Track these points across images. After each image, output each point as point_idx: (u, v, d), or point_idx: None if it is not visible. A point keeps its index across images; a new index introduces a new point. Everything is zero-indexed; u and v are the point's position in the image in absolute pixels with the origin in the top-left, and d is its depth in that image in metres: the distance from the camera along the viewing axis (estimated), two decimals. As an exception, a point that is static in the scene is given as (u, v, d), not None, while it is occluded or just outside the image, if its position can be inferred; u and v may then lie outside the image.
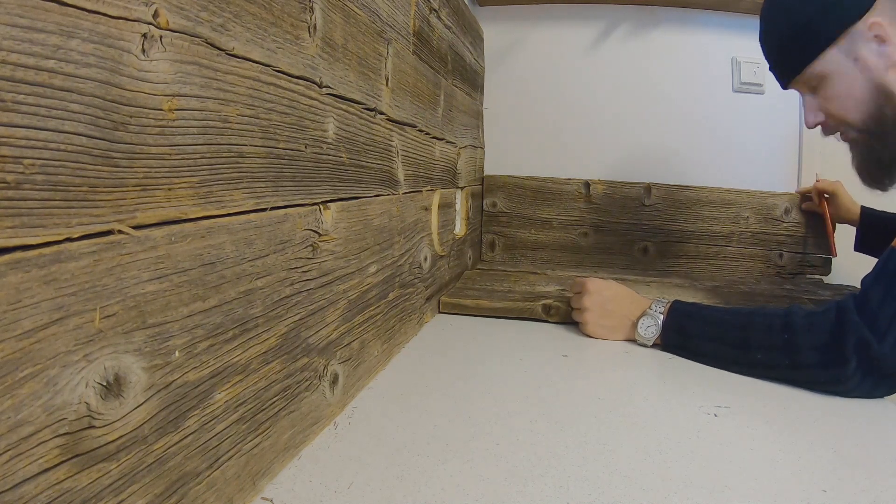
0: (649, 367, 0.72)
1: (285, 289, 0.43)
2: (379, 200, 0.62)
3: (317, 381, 0.49)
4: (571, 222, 1.31)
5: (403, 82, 0.69)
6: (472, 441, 0.50)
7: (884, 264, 0.63)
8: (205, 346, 0.33)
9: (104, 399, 0.26)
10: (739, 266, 1.28)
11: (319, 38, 0.47)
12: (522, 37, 1.37)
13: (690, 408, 0.59)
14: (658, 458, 0.48)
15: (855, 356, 0.61)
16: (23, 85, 0.22)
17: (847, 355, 0.61)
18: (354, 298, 0.56)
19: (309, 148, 0.46)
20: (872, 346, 0.60)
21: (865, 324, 0.61)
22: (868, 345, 0.60)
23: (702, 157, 1.35)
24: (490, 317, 0.92)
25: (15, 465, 0.22)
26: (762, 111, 1.33)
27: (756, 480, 0.45)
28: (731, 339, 0.70)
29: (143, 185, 0.28)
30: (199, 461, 0.33)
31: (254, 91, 0.38)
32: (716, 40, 1.32)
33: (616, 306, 0.81)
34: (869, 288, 0.63)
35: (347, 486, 0.42)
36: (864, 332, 0.60)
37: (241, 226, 0.37)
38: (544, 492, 0.42)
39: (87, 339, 0.25)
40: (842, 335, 0.62)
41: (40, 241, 0.23)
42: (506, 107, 1.38)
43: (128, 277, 0.27)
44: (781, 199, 1.27)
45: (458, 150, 1.03)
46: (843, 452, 0.50)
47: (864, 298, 0.62)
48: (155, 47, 0.29)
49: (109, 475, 0.27)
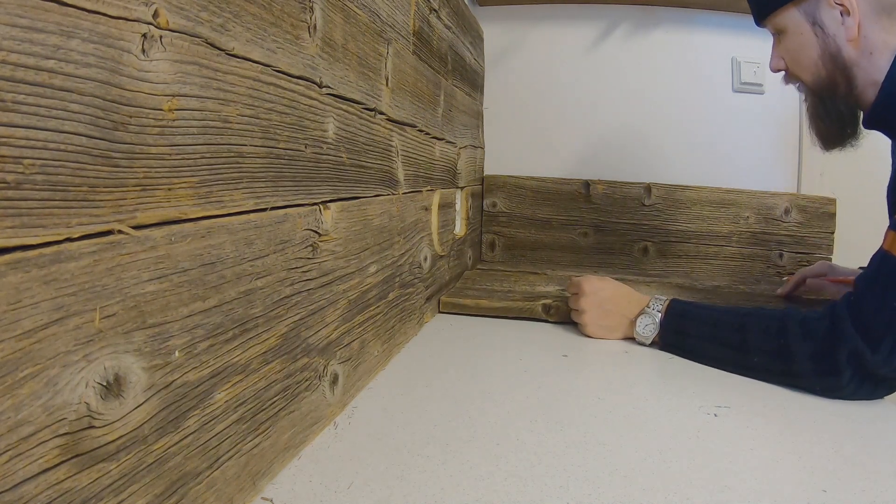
0: (649, 367, 0.72)
1: (285, 289, 0.43)
2: (379, 200, 0.62)
3: (317, 381, 0.49)
4: (571, 222, 1.31)
5: (403, 82, 0.69)
6: (472, 441, 0.50)
7: (877, 270, 0.63)
8: (205, 346, 0.33)
9: (104, 399, 0.26)
10: (739, 266, 1.28)
11: (319, 38, 0.47)
12: (522, 37, 1.37)
13: (690, 408, 0.59)
14: (658, 458, 0.48)
15: (849, 366, 0.60)
16: (23, 85, 0.22)
17: (841, 366, 0.61)
18: (354, 298, 0.56)
19: (309, 148, 0.46)
20: (866, 356, 0.59)
21: (859, 333, 0.60)
22: (862, 355, 0.59)
23: (702, 157, 1.35)
24: (490, 317, 0.92)
25: (15, 465, 0.22)
26: (762, 111, 1.33)
27: (756, 480, 0.45)
28: (729, 340, 0.70)
29: (143, 185, 0.28)
30: (199, 461, 0.33)
31: (254, 91, 0.38)
32: (716, 40, 1.32)
33: (614, 306, 0.81)
34: (862, 295, 0.62)
35: (347, 486, 0.42)
36: (858, 342, 0.60)
37: (241, 226, 0.37)
38: (544, 492, 0.42)
39: (87, 339, 0.25)
40: (835, 345, 0.61)
41: (40, 241, 0.23)
42: (506, 107, 1.38)
43: (128, 277, 0.27)
44: (781, 199, 1.27)
45: (458, 150, 1.03)
46: (843, 452, 0.50)
47: (858, 306, 0.61)
48: (155, 47, 0.29)
49: (109, 475, 0.27)
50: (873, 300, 0.60)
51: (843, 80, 0.74)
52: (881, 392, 0.63)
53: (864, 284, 0.63)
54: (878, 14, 0.70)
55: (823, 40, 0.73)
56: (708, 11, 1.31)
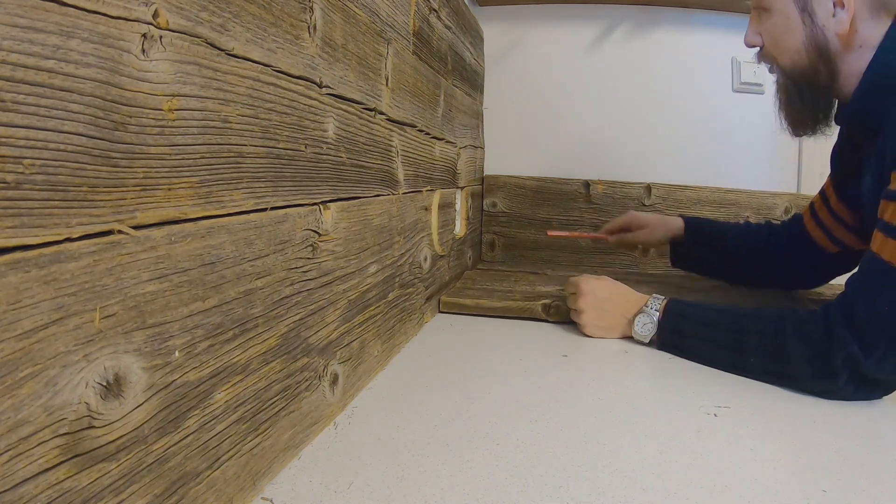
0: (649, 367, 0.72)
1: (285, 289, 0.43)
2: (379, 200, 0.62)
3: (317, 381, 0.49)
4: (571, 222, 1.31)
5: (403, 82, 0.69)
6: (472, 441, 0.50)
7: (867, 274, 0.62)
8: (205, 346, 0.33)
9: (104, 399, 0.26)
10: (739, 266, 1.28)
11: (319, 38, 0.47)
12: (522, 37, 1.37)
13: (690, 408, 0.59)
14: (658, 458, 0.48)
15: (845, 370, 0.60)
16: (23, 85, 0.22)
17: (836, 369, 0.60)
18: (354, 298, 0.56)
19: (309, 148, 0.46)
20: (860, 360, 0.59)
21: (853, 338, 0.59)
22: (856, 359, 0.59)
23: (702, 157, 1.35)
24: (490, 316, 0.92)
25: (15, 465, 0.22)
26: (762, 111, 1.33)
27: (756, 480, 0.45)
28: (726, 341, 0.70)
29: (142, 185, 0.28)
30: (199, 461, 0.33)
31: (254, 91, 0.38)
32: (716, 40, 1.32)
33: (612, 305, 0.81)
34: (854, 299, 0.61)
35: (347, 486, 0.42)
36: (852, 346, 0.59)
37: (241, 226, 0.37)
38: (544, 492, 0.42)
39: (87, 339, 0.25)
40: (830, 349, 0.61)
41: (40, 241, 0.23)
42: (506, 107, 1.38)
43: (128, 277, 0.27)
44: (781, 199, 1.27)
45: (458, 150, 1.03)
46: (843, 452, 0.50)
47: (851, 311, 0.61)
48: (155, 47, 0.29)
49: (109, 475, 0.27)
50: (865, 304, 0.60)
51: (826, 72, 0.72)
52: (878, 394, 0.62)
53: (856, 288, 0.62)
54: (873, 10, 0.69)
55: (811, 29, 0.71)
56: (708, 11, 1.31)
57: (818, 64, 0.72)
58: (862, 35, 0.69)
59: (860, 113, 0.72)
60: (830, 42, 0.70)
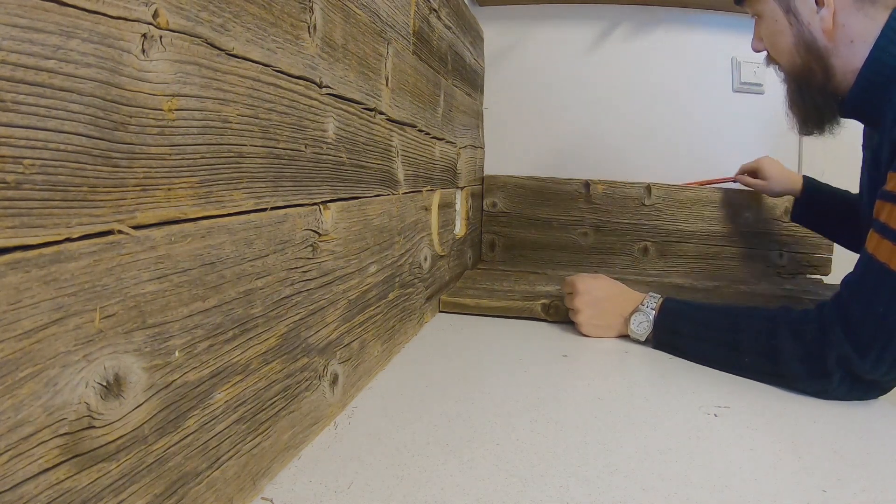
0: (649, 367, 0.72)
1: (285, 289, 0.43)
2: (379, 200, 0.62)
3: (317, 381, 0.49)
4: (571, 222, 1.31)
5: (403, 82, 0.69)
6: (472, 441, 0.50)
7: (863, 275, 0.62)
8: (205, 346, 0.33)
9: (104, 399, 0.26)
10: (739, 266, 1.28)
11: (319, 38, 0.47)
12: (522, 37, 1.37)
13: (690, 408, 0.59)
14: (658, 458, 0.48)
15: (838, 370, 0.60)
16: (23, 85, 0.22)
17: (830, 369, 0.60)
18: (354, 298, 0.56)
19: (309, 148, 0.46)
20: (854, 362, 0.59)
21: (848, 338, 0.59)
22: (850, 360, 0.59)
23: (702, 156, 1.35)
24: (490, 316, 0.92)
25: (15, 465, 0.22)
26: (762, 111, 1.33)
27: (756, 480, 0.45)
28: (721, 340, 0.70)
29: (142, 185, 0.28)
30: (199, 461, 0.33)
31: (254, 91, 0.38)
32: (716, 40, 1.32)
33: (608, 304, 0.81)
34: (850, 300, 0.61)
35: (347, 486, 0.42)
36: (846, 347, 0.59)
37: (241, 226, 0.37)
38: (544, 492, 0.42)
39: (87, 339, 0.25)
40: (824, 349, 0.61)
41: (40, 241, 0.23)
42: (506, 107, 1.38)
43: (128, 277, 0.27)
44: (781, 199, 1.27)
45: (458, 150, 1.03)
46: (843, 452, 0.50)
47: (846, 311, 0.61)
48: (155, 47, 0.29)
49: (109, 475, 0.27)
50: (860, 306, 0.60)
51: (820, 69, 0.73)
52: (872, 394, 0.62)
53: (851, 288, 0.62)
54: (859, 2, 0.69)
55: (798, 28, 0.73)
56: (708, 11, 1.31)
57: (811, 62, 0.74)
58: (852, 30, 0.70)
59: (859, 109, 0.73)
60: (818, 39, 0.72)
